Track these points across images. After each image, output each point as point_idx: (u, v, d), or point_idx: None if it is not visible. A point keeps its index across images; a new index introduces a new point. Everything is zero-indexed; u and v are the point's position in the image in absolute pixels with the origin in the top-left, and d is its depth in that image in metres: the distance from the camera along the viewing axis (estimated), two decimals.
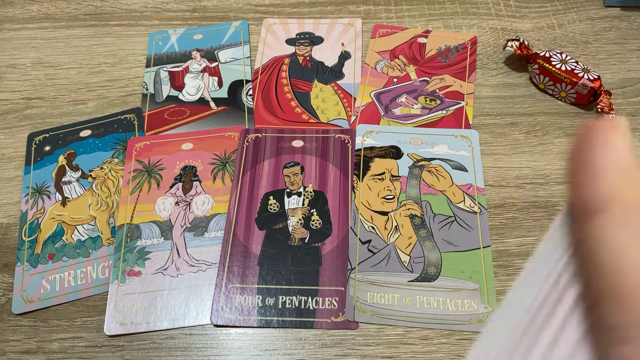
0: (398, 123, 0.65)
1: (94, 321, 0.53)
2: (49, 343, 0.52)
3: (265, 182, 0.60)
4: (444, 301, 0.52)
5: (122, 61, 0.74)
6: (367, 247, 0.55)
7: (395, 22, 0.77)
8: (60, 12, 0.80)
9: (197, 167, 0.62)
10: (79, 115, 0.68)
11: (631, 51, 0.71)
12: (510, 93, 0.68)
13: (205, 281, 0.54)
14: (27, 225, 0.59)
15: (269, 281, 0.54)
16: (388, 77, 0.70)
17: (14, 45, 0.76)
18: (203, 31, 0.76)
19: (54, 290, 0.54)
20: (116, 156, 0.63)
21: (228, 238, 0.56)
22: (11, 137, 0.67)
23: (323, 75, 0.71)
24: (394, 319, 0.51)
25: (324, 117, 0.66)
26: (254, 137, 0.64)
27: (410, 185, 0.59)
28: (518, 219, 0.57)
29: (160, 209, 0.59)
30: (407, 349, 0.50)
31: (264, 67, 0.72)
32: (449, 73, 0.69)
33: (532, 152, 0.62)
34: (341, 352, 0.50)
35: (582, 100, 0.65)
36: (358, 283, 0.53)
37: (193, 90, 0.70)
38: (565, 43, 0.73)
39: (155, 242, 0.57)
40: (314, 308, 0.52)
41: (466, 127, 0.64)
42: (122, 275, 0.55)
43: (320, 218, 0.57)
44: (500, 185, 0.60)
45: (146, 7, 0.80)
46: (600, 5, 0.77)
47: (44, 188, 0.62)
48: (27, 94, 0.71)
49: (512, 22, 0.76)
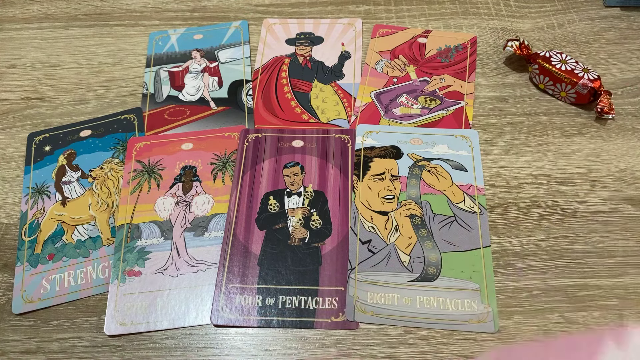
0: (398, 123, 0.65)
1: (94, 321, 0.53)
2: (49, 343, 0.52)
3: (265, 182, 0.60)
4: (444, 301, 0.52)
5: (122, 61, 0.74)
6: (367, 247, 0.55)
7: (395, 22, 0.77)
8: (60, 12, 0.80)
9: (197, 167, 0.62)
10: (79, 115, 0.68)
11: (631, 51, 0.71)
12: (510, 93, 0.68)
13: (205, 281, 0.54)
14: (27, 225, 0.59)
15: (269, 281, 0.54)
16: (388, 77, 0.70)
17: (14, 45, 0.77)
18: (203, 31, 0.76)
19: (54, 290, 0.55)
20: (116, 156, 0.63)
21: (228, 238, 0.56)
22: (11, 137, 0.67)
23: (323, 75, 0.71)
24: (394, 319, 0.51)
25: (324, 117, 0.66)
26: (254, 137, 0.64)
27: (410, 185, 0.59)
28: (518, 219, 0.57)
29: (160, 209, 0.59)
30: (407, 349, 0.50)
31: (264, 67, 0.72)
32: (449, 73, 0.70)
33: (532, 152, 0.62)
34: (341, 352, 0.50)
35: (582, 100, 0.65)
36: (358, 283, 0.53)
37: (193, 90, 0.70)
38: (565, 43, 0.73)
39: (155, 242, 0.57)
40: (314, 308, 0.52)
41: (466, 127, 0.64)
42: (122, 275, 0.55)
43: (320, 218, 0.57)
44: (500, 185, 0.60)
45: (146, 7, 0.80)
46: (600, 5, 0.77)
47: (44, 188, 0.62)
48: (27, 94, 0.71)
49: (512, 22, 0.76)
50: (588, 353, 0.46)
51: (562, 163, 0.61)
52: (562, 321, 0.51)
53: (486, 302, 0.51)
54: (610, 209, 0.58)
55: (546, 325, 0.51)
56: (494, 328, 0.50)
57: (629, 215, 0.57)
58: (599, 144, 0.63)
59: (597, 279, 0.53)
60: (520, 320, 0.51)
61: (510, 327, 0.51)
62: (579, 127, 0.64)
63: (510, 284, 0.53)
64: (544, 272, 0.54)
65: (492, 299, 0.52)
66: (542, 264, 0.54)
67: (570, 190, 0.59)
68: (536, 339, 0.50)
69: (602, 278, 0.53)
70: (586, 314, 0.51)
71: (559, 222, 0.57)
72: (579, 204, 0.58)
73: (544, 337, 0.50)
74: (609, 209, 0.58)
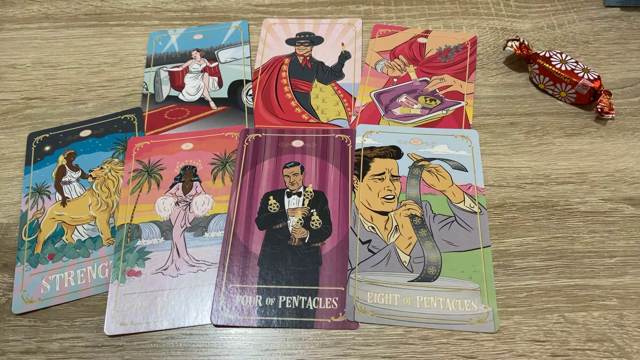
0: (398, 123, 0.65)
1: (94, 321, 0.53)
2: (49, 343, 0.52)
3: (265, 182, 0.60)
4: (444, 301, 0.52)
5: (122, 61, 0.74)
6: (367, 247, 0.55)
7: (395, 22, 0.77)
8: (60, 12, 0.80)
9: (197, 167, 0.62)
10: (79, 115, 0.68)
11: (631, 51, 0.71)
12: (510, 93, 0.68)
13: (205, 281, 0.54)
14: (27, 225, 0.59)
15: (269, 281, 0.54)
16: (388, 77, 0.70)
17: (14, 45, 0.77)
18: (203, 31, 0.76)
19: (54, 290, 0.55)
20: (116, 156, 0.63)
21: (228, 238, 0.56)
22: (11, 137, 0.67)
23: (323, 75, 0.71)
24: (394, 319, 0.51)
25: (324, 117, 0.66)
26: (254, 137, 0.64)
27: (410, 185, 0.59)
28: (518, 219, 0.57)
29: (160, 209, 0.59)
30: (407, 349, 0.50)
31: (264, 67, 0.72)
32: (449, 73, 0.69)
33: (532, 152, 0.62)
34: (341, 352, 0.50)
35: (582, 100, 0.65)
36: (358, 283, 0.53)
37: (193, 90, 0.70)
38: (565, 43, 0.73)
39: (155, 242, 0.57)
40: (314, 308, 0.52)
41: (466, 127, 0.64)
42: (122, 275, 0.55)
43: (320, 218, 0.57)
44: (500, 185, 0.60)
45: (146, 7, 0.80)
46: (600, 5, 0.77)
47: (44, 188, 0.62)
48: (27, 94, 0.71)
49: (512, 22, 0.76)
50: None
51: (562, 163, 0.61)
52: (562, 321, 0.51)
53: (486, 302, 0.51)
54: (610, 209, 0.58)
55: (546, 325, 0.51)
56: (494, 328, 0.50)
57: (629, 215, 0.57)
58: (599, 144, 0.63)
59: (597, 279, 0.53)
60: (520, 320, 0.51)
61: (510, 327, 0.51)
62: (579, 127, 0.64)
63: (510, 284, 0.53)
64: (544, 272, 0.54)
65: (492, 299, 0.52)
66: (542, 264, 0.54)
67: (570, 190, 0.59)
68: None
69: (602, 278, 0.53)
70: (586, 314, 0.51)
71: (559, 222, 0.57)
72: (579, 204, 0.58)
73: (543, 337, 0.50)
74: (609, 209, 0.58)
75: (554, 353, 0.49)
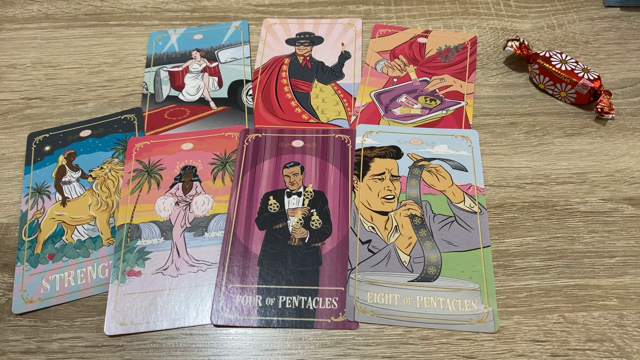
0: (398, 123, 0.65)
1: (94, 321, 0.53)
2: (49, 343, 0.52)
3: (265, 182, 0.60)
4: (444, 301, 0.52)
5: (122, 61, 0.74)
6: (367, 247, 0.55)
7: (395, 22, 0.77)
8: (60, 12, 0.80)
9: (197, 167, 0.62)
10: (79, 115, 0.68)
11: (631, 51, 0.71)
12: (510, 93, 0.68)
13: (205, 281, 0.54)
14: (27, 225, 0.59)
15: (269, 281, 0.54)
16: (388, 77, 0.70)
17: (14, 45, 0.77)
18: (203, 31, 0.76)
19: (54, 290, 0.55)
20: (116, 156, 0.63)
21: (228, 238, 0.56)
22: (11, 137, 0.67)
23: (323, 75, 0.71)
24: (394, 319, 0.51)
25: (324, 117, 0.66)
26: (254, 137, 0.64)
27: (410, 185, 0.59)
28: (518, 219, 0.57)
29: (160, 209, 0.59)
30: (407, 349, 0.50)
31: (264, 67, 0.72)
32: (449, 73, 0.70)
33: (532, 152, 0.62)
34: (341, 352, 0.50)
35: (582, 100, 0.65)
36: (358, 283, 0.53)
37: (193, 90, 0.70)
38: (565, 43, 0.73)
39: (155, 242, 0.57)
40: (314, 308, 0.52)
41: (466, 127, 0.64)
42: (122, 275, 0.55)
43: (320, 218, 0.57)
44: (500, 185, 0.60)
45: (146, 7, 0.80)
46: (600, 5, 0.77)
47: (44, 188, 0.62)
48: (27, 94, 0.71)
49: (512, 22, 0.76)
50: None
51: (562, 163, 0.61)
52: (562, 321, 0.51)
53: (486, 302, 0.51)
54: (610, 209, 0.58)
55: (546, 325, 0.51)
56: (494, 328, 0.50)
57: (629, 215, 0.57)
58: (599, 144, 0.63)
59: (597, 279, 0.53)
60: (520, 320, 0.51)
61: (510, 327, 0.51)
62: (579, 127, 0.64)
63: (510, 284, 0.53)
64: (544, 272, 0.54)
65: (492, 299, 0.52)
66: (542, 264, 0.54)
67: (570, 190, 0.59)
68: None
69: (602, 278, 0.53)
70: (586, 314, 0.51)
71: (559, 222, 0.57)
72: (579, 204, 0.58)
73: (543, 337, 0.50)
74: (609, 209, 0.58)
75: (554, 353, 0.49)
